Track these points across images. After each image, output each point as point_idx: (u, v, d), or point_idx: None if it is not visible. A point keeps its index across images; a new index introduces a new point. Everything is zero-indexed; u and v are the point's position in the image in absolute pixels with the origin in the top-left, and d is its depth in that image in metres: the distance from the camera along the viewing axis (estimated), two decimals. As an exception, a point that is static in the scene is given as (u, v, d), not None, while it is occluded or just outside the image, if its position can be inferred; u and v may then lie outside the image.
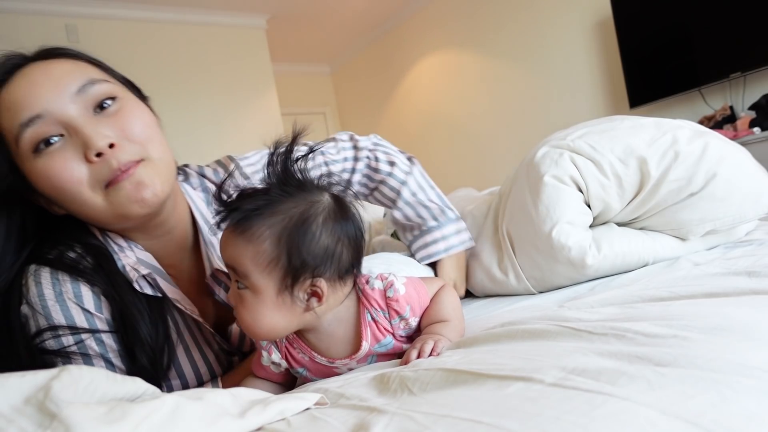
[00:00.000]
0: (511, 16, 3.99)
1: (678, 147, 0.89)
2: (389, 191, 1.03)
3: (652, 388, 0.36)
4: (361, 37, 5.35)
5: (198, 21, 4.15)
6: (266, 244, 0.61)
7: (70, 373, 0.40)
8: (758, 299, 0.53)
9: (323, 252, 0.63)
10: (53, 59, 0.71)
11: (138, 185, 0.68)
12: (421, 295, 0.71)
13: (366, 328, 0.68)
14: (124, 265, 0.73)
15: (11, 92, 0.67)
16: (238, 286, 0.64)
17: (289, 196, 0.64)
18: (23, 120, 0.65)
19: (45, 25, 3.52)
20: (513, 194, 1.03)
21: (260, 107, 4.37)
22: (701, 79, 2.87)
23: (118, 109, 0.70)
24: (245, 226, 0.62)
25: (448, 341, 0.63)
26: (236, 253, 0.63)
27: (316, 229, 0.63)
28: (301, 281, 0.62)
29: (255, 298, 0.63)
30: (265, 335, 0.66)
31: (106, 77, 0.73)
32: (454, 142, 4.69)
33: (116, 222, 0.71)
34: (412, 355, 0.60)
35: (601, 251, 0.91)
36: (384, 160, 1.04)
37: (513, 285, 1.01)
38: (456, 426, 0.36)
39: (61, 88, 0.67)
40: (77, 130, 0.66)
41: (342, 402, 0.50)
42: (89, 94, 0.68)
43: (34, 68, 0.69)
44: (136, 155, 0.69)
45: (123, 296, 0.72)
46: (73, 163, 0.66)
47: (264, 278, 0.62)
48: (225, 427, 0.40)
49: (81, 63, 0.73)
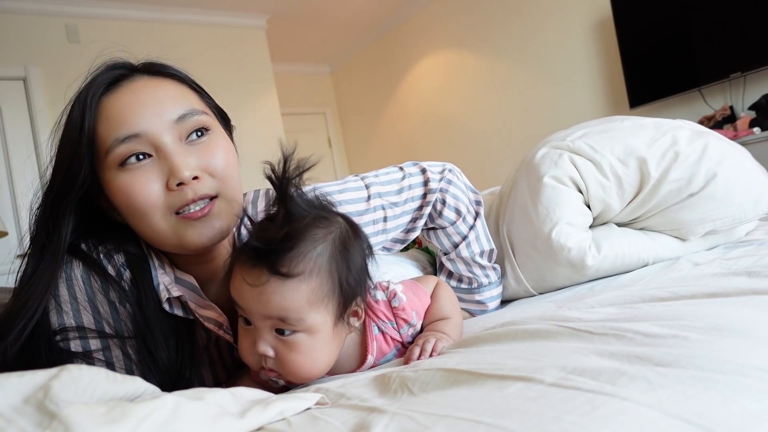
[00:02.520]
0: (511, 16, 3.99)
1: (678, 147, 0.89)
2: (446, 240, 0.97)
3: (653, 388, 0.36)
4: (361, 37, 5.35)
5: (198, 21, 4.15)
6: (320, 278, 0.57)
7: (70, 373, 0.39)
8: (758, 299, 0.53)
9: (362, 269, 0.62)
10: (160, 78, 0.73)
11: (205, 224, 0.69)
12: (422, 297, 0.71)
13: (372, 341, 0.67)
14: (159, 283, 0.73)
15: (115, 104, 0.68)
16: (281, 333, 0.58)
17: (315, 221, 0.59)
18: (121, 135, 0.66)
19: (45, 25, 3.52)
20: (513, 195, 1.03)
21: (260, 107, 4.37)
22: (701, 79, 2.86)
23: (207, 141, 0.71)
24: (292, 266, 0.56)
25: (450, 339, 0.63)
26: (288, 299, 0.56)
27: (353, 251, 0.61)
28: (350, 305, 0.61)
29: (311, 338, 0.58)
30: (323, 372, 0.62)
31: (204, 108, 0.75)
32: (454, 142, 4.69)
33: (171, 248, 0.72)
34: (414, 353, 0.60)
35: (601, 252, 0.91)
36: (451, 207, 0.94)
37: (513, 286, 1.01)
38: (456, 426, 0.36)
39: (164, 113, 0.68)
40: (167, 157, 0.67)
41: (342, 402, 0.50)
42: (187, 124, 0.70)
43: (141, 84, 0.70)
44: (213, 190, 0.69)
45: (148, 317, 0.71)
46: (153, 185, 0.67)
47: (321, 314, 0.58)
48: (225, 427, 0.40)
49: (185, 88, 0.75)
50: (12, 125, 3.38)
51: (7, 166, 3.35)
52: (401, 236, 0.96)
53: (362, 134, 5.78)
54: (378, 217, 0.89)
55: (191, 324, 0.75)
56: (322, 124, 5.99)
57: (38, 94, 3.43)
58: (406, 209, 0.93)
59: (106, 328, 0.70)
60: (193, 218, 0.68)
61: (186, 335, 0.74)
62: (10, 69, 3.39)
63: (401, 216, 0.92)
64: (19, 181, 3.37)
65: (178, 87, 0.74)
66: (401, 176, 0.94)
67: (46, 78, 3.48)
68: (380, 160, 5.51)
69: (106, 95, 0.69)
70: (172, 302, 0.73)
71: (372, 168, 1.02)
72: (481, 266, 0.96)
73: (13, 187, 3.36)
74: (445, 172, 0.96)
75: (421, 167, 0.96)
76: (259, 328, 0.59)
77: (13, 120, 3.38)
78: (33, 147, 3.42)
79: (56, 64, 3.51)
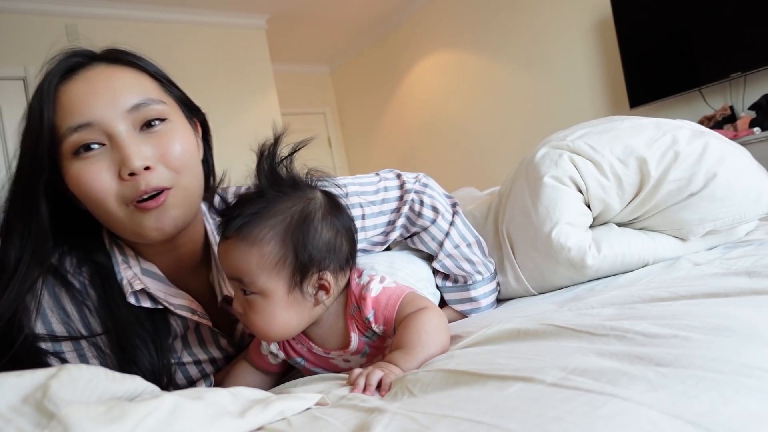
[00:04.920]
0: (511, 16, 3.99)
1: (678, 147, 0.89)
2: (431, 240, 0.96)
3: (653, 389, 0.35)
4: (361, 37, 5.34)
5: (198, 21, 4.14)
6: (271, 245, 0.62)
7: (69, 372, 0.39)
8: (758, 299, 0.53)
9: (326, 246, 0.65)
10: (118, 66, 0.72)
11: (161, 214, 0.69)
12: (389, 306, 0.68)
13: (351, 320, 0.69)
14: (123, 278, 0.74)
15: (71, 92, 0.68)
16: (244, 293, 0.65)
17: (285, 196, 0.65)
18: (73, 124, 0.66)
19: (45, 25, 3.52)
20: (512, 195, 1.03)
21: (260, 107, 4.37)
22: (701, 79, 2.86)
23: (163, 130, 0.71)
24: (247, 231, 0.62)
25: (401, 372, 0.57)
26: (241, 260, 0.63)
27: (317, 224, 0.65)
28: (309, 276, 0.64)
29: (265, 301, 0.63)
30: (280, 335, 0.66)
31: (163, 96, 0.74)
32: (454, 142, 4.69)
33: (130, 237, 0.72)
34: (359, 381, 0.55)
35: (601, 252, 0.91)
36: (428, 205, 0.96)
37: (513, 286, 1.01)
38: (457, 426, 0.36)
39: (118, 102, 0.68)
40: (119, 146, 0.67)
41: (343, 402, 0.50)
42: (141, 113, 0.69)
43: (96, 72, 0.70)
44: (167, 182, 0.69)
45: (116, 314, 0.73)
46: (105, 175, 0.67)
47: (273, 279, 0.63)
48: (225, 427, 0.40)
49: (143, 76, 0.74)
50: (12, 125, 3.38)
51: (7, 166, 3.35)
52: (380, 238, 0.97)
53: (362, 134, 5.77)
54: (356, 214, 0.89)
55: (162, 314, 0.76)
56: (322, 124, 5.99)
57: (38, 94, 3.43)
58: (384, 209, 0.95)
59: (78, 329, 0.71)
60: (148, 208, 0.68)
61: (159, 323, 0.75)
62: (10, 69, 3.39)
63: (378, 215, 0.94)
64: (18, 181, 3.37)
65: (136, 75, 0.73)
66: (378, 179, 0.97)
67: (46, 78, 3.48)
68: (380, 160, 5.51)
69: (62, 83, 0.69)
70: (138, 295, 0.74)
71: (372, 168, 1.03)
72: (470, 261, 0.95)
73: (13, 187, 3.36)
74: (419, 177, 1.00)
75: (396, 173, 1.00)
76: (234, 289, 0.67)
77: (13, 120, 3.38)
78: (33, 147, 3.42)
79: (56, 64, 3.51)
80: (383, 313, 0.68)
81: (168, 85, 0.78)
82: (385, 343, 0.71)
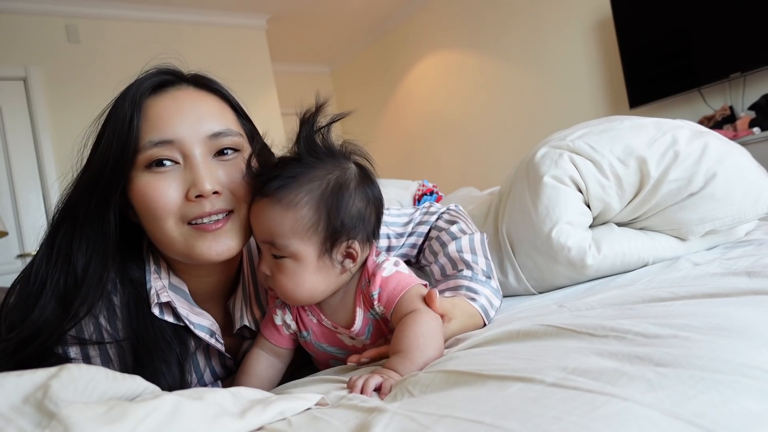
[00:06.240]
0: (511, 16, 3.99)
1: (678, 147, 0.89)
2: (437, 245, 0.87)
3: (653, 389, 0.35)
4: (361, 37, 5.34)
5: (198, 21, 4.15)
6: (306, 209, 0.64)
7: (70, 372, 0.39)
8: (758, 299, 0.53)
9: (357, 215, 0.67)
10: (204, 92, 0.75)
11: (217, 239, 0.69)
12: (395, 291, 0.68)
13: (359, 295, 0.71)
14: (151, 287, 0.74)
15: (157, 107, 0.70)
16: (275, 255, 0.66)
17: (321, 163, 0.67)
18: (155, 139, 0.67)
19: (45, 25, 3.52)
20: (512, 195, 1.03)
21: (260, 107, 4.37)
22: (701, 79, 2.86)
23: (234, 161, 0.72)
24: (283, 194, 0.64)
25: (399, 377, 0.57)
26: (275, 222, 0.64)
27: (351, 193, 0.67)
28: (339, 243, 0.66)
29: (295, 264, 0.65)
30: (308, 299, 0.68)
31: (240, 129, 0.76)
32: (454, 142, 4.69)
33: (179, 256, 0.72)
34: (357, 384, 0.55)
35: (601, 251, 0.91)
36: (445, 219, 0.91)
37: (513, 285, 1.01)
38: (457, 426, 0.36)
39: (200, 126, 0.70)
40: (193, 168, 0.68)
41: (343, 402, 0.50)
42: (219, 141, 0.71)
43: (185, 94, 0.72)
44: (230, 206, 0.70)
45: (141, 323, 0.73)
46: (173, 192, 0.68)
47: (305, 244, 0.65)
48: (225, 427, 0.40)
49: (225, 107, 0.76)
50: (12, 125, 3.38)
51: (7, 166, 3.35)
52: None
53: (362, 134, 5.72)
54: (382, 244, 0.89)
55: (183, 331, 0.76)
56: (322, 124, 5.99)
57: (38, 94, 3.43)
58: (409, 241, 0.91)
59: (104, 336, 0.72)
60: (206, 230, 0.69)
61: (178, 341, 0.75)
62: (10, 69, 3.39)
63: (404, 247, 0.92)
64: (19, 181, 3.37)
65: (220, 104, 0.75)
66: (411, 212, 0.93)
67: (46, 78, 3.48)
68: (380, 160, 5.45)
69: (150, 97, 0.71)
70: (162, 308, 0.74)
71: (371, 168, 1.01)
72: (469, 266, 0.82)
73: (14, 187, 3.36)
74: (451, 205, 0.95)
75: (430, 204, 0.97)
76: (263, 251, 0.68)
77: (13, 120, 3.38)
78: (33, 147, 3.42)
79: (56, 64, 3.51)
80: (388, 295, 0.68)
81: (244, 118, 0.80)
82: (388, 325, 0.71)
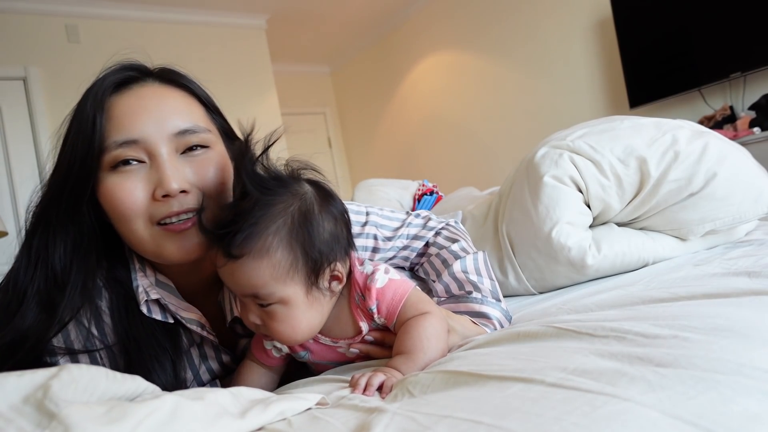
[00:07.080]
0: (511, 16, 3.99)
1: (678, 147, 0.89)
2: (439, 262, 0.85)
3: (653, 389, 0.35)
4: (361, 37, 5.34)
5: (198, 21, 4.14)
6: (279, 252, 0.60)
7: (70, 372, 0.39)
8: (758, 299, 0.53)
9: (331, 237, 0.64)
10: (171, 87, 0.72)
11: (185, 239, 0.68)
12: (393, 301, 0.67)
13: (356, 309, 0.69)
14: (138, 285, 0.73)
15: (120, 106, 0.68)
16: (261, 305, 0.62)
17: (276, 196, 0.62)
18: (119, 139, 0.66)
19: (45, 25, 3.52)
20: (512, 195, 1.03)
21: (260, 107, 4.37)
22: (701, 79, 2.86)
23: (203, 157, 0.71)
24: (251, 245, 0.59)
25: (401, 376, 0.57)
26: (253, 276, 0.60)
27: (318, 219, 0.63)
28: (322, 273, 0.63)
29: (285, 308, 0.62)
30: (307, 336, 0.66)
31: (209, 124, 0.74)
32: (454, 142, 4.69)
33: (150, 257, 0.71)
34: (360, 382, 0.55)
35: (601, 251, 0.91)
36: (445, 236, 0.88)
37: (513, 285, 1.01)
38: (457, 426, 0.36)
39: (166, 124, 0.68)
40: (159, 167, 0.66)
41: (343, 402, 0.50)
42: (186, 138, 0.69)
43: (150, 90, 0.70)
44: (199, 204, 0.68)
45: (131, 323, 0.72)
46: (139, 192, 0.66)
47: (289, 286, 0.61)
48: (225, 427, 0.40)
49: (193, 101, 0.74)
50: (12, 125, 3.37)
51: (7, 166, 3.35)
52: None
53: (362, 134, 5.77)
54: (368, 244, 0.87)
55: (173, 328, 0.75)
56: (321, 125, 5.99)
57: (38, 94, 3.43)
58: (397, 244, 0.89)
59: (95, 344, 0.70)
60: (173, 231, 0.67)
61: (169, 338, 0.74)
62: (10, 69, 3.39)
63: (390, 250, 0.90)
64: (19, 181, 3.36)
65: (187, 100, 0.73)
66: (404, 216, 0.92)
67: (46, 78, 3.48)
68: (380, 160, 5.50)
69: (114, 95, 0.69)
70: (150, 306, 0.73)
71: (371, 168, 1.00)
72: (477, 287, 0.80)
73: (13, 187, 3.36)
74: (450, 220, 0.94)
75: (427, 215, 0.94)
76: (245, 302, 0.64)
77: (13, 120, 3.38)
78: (33, 147, 3.42)
79: (56, 64, 3.51)
80: (387, 306, 0.67)
81: (214, 113, 0.78)
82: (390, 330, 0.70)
